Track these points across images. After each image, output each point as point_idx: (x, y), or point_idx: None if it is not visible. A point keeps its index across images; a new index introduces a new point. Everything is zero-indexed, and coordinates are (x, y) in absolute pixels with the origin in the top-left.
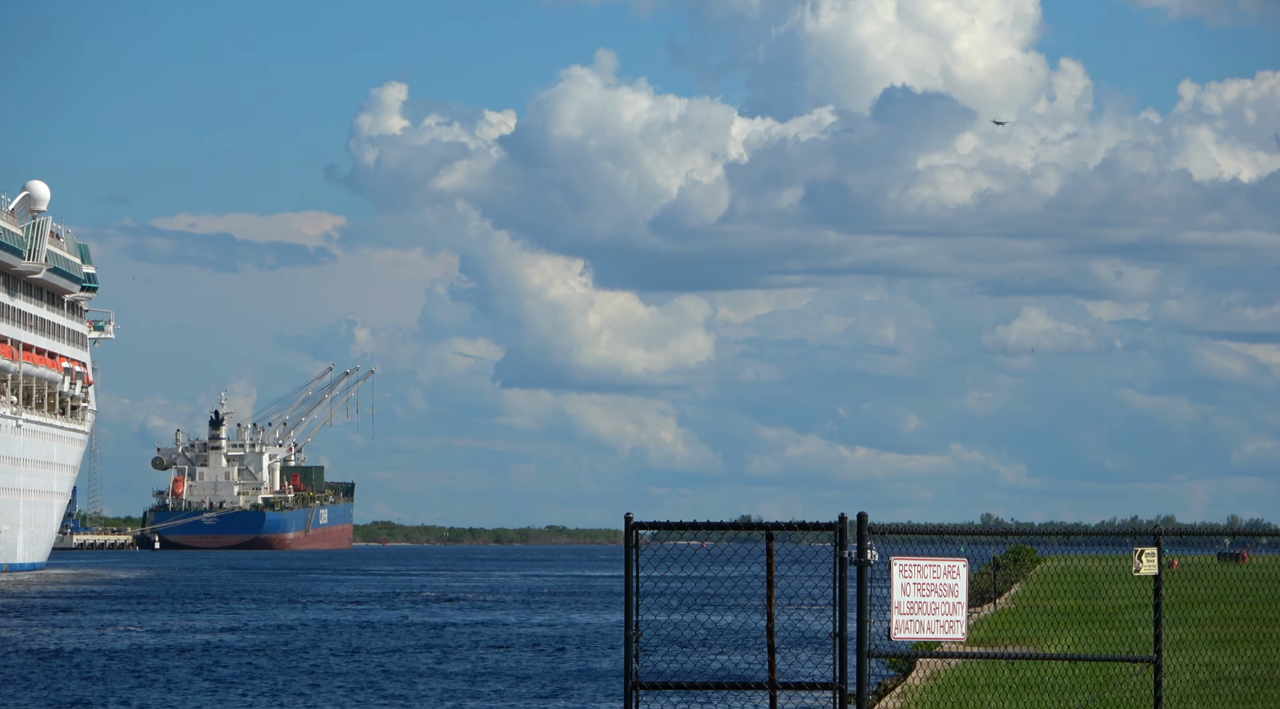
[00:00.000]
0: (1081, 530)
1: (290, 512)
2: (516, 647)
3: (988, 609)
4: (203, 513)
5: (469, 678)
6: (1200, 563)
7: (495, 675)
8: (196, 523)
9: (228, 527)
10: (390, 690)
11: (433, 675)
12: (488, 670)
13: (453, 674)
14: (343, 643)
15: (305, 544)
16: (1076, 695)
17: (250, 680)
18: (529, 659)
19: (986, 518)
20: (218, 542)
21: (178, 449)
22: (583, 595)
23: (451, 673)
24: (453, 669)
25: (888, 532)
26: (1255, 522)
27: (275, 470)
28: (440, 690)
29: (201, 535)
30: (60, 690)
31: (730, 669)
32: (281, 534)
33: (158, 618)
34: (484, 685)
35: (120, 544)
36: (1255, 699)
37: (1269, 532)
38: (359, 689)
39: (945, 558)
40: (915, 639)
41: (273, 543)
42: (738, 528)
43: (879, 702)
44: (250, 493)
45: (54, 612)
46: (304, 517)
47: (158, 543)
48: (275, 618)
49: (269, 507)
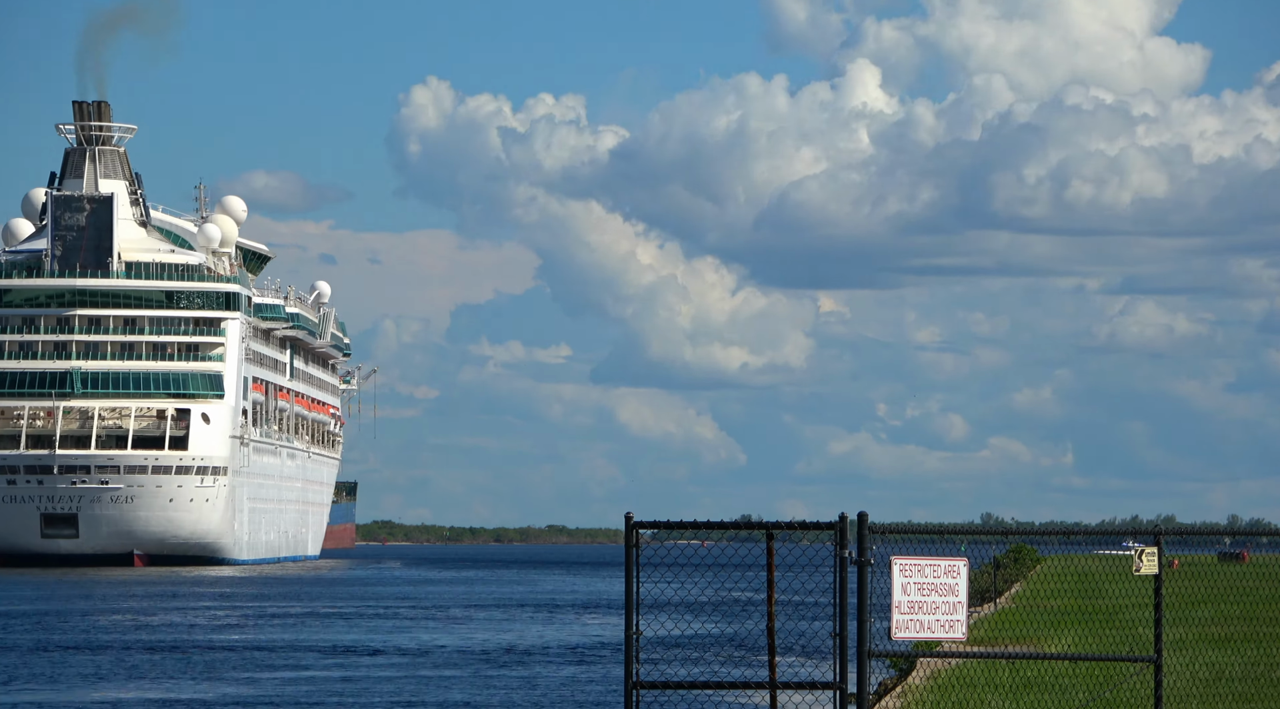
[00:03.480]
0: (1081, 530)
1: None
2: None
3: (988, 609)
4: None
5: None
6: (1200, 563)
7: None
8: None
9: None
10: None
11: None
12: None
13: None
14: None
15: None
16: (1077, 695)
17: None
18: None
19: (987, 518)
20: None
21: None
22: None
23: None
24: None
25: (888, 531)
26: (1256, 521)
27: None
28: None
29: None
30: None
31: (730, 669)
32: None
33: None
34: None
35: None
36: (1255, 699)
37: (1269, 531)
38: None
39: (945, 557)
40: (915, 639)
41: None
42: (738, 527)
43: (879, 701)
44: None
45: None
46: None
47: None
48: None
49: None
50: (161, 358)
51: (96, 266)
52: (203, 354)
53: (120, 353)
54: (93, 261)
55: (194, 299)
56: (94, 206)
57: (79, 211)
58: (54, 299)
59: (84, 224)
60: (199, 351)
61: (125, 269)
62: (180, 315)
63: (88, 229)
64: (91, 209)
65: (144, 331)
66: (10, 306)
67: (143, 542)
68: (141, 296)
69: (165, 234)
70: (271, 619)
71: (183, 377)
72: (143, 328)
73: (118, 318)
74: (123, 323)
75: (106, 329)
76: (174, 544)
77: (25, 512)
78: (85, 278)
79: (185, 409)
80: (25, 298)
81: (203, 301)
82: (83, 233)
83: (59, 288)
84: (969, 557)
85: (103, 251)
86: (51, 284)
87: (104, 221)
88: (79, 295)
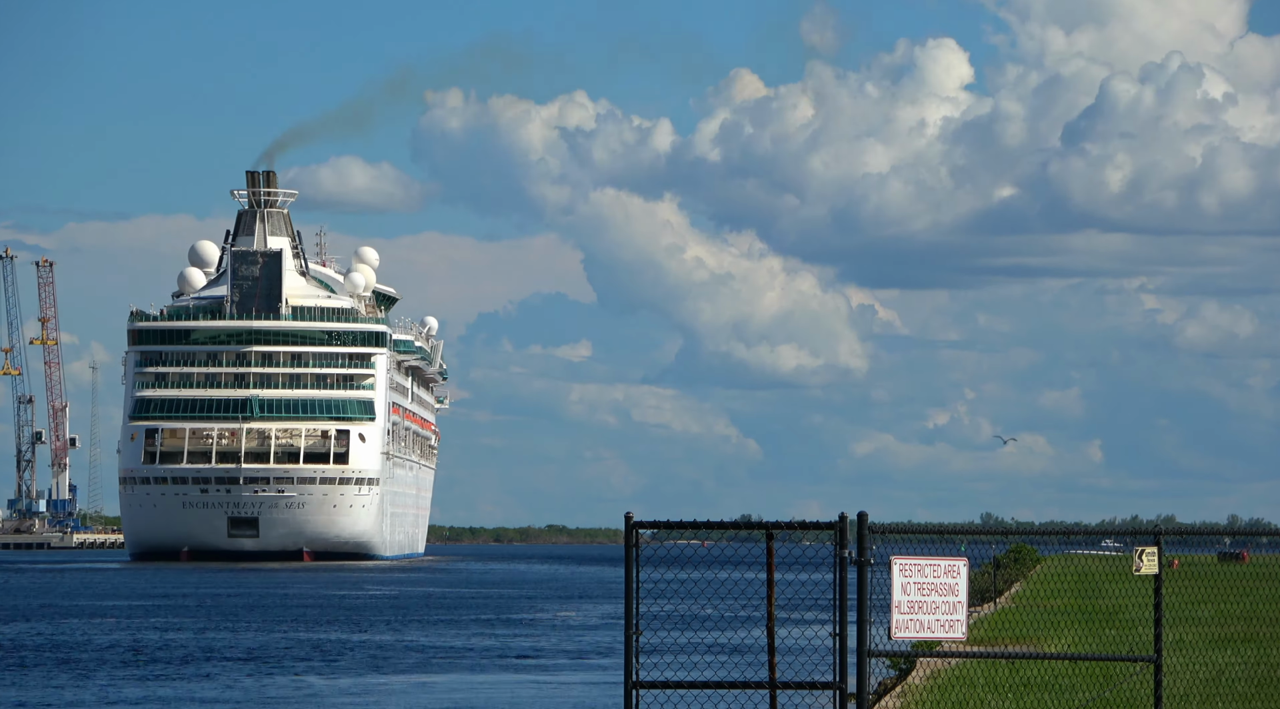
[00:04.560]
0: (1081, 530)
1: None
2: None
3: (988, 608)
4: None
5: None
6: (1200, 563)
7: None
8: None
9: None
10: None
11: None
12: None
13: None
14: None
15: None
16: (1077, 695)
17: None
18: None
19: (987, 517)
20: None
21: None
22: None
23: None
24: None
25: (888, 531)
26: (1256, 521)
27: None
28: None
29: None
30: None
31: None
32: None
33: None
34: None
35: (121, 543)
36: (1255, 699)
37: (1269, 531)
38: None
39: (945, 557)
40: (915, 639)
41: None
42: (738, 527)
43: (879, 701)
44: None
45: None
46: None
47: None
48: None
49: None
50: (323, 387)
51: (268, 310)
52: (357, 383)
53: (289, 383)
54: (265, 306)
55: (349, 337)
56: (265, 260)
57: (253, 264)
58: (234, 337)
59: (257, 274)
60: (354, 381)
61: (292, 312)
62: (338, 351)
63: (260, 279)
64: (264, 262)
65: (309, 365)
66: (197, 344)
67: (311, 541)
68: (306, 335)
69: (319, 282)
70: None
71: (342, 403)
72: (307, 362)
73: (286, 353)
74: (291, 358)
75: (277, 363)
76: (335, 543)
77: (214, 515)
78: (260, 320)
79: (345, 430)
80: (209, 336)
81: (356, 339)
82: (256, 282)
83: (238, 329)
84: (968, 556)
85: (273, 298)
86: (232, 325)
87: (274, 272)
88: (254, 334)
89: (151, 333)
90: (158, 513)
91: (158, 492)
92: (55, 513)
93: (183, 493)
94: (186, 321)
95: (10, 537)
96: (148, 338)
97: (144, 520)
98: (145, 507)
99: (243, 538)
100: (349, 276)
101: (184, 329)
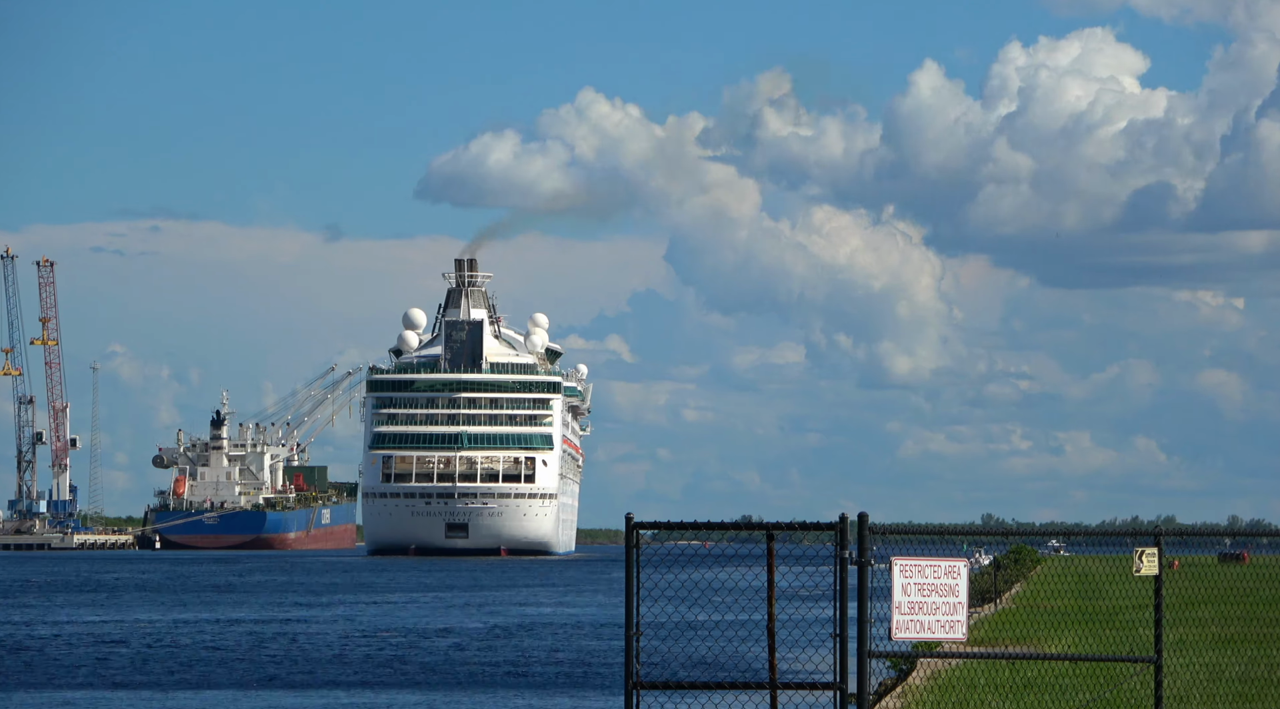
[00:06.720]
0: (1081, 530)
1: (291, 512)
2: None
3: (988, 609)
4: (204, 513)
5: None
6: (1200, 563)
7: None
8: (197, 523)
9: (229, 526)
10: None
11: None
12: None
13: None
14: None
15: (307, 544)
16: (1077, 695)
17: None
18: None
19: (987, 518)
20: (218, 541)
21: (179, 449)
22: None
23: None
24: None
25: (888, 532)
26: (1256, 522)
27: (277, 470)
28: None
29: (202, 535)
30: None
31: (731, 668)
32: (283, 534)
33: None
34: None
35: (121, 544)
36: (1255, 699)
37: (1269, 531)
38: None
39: (946, 558)
40: (916, 639)
41: (274, 543)
42: (738, 528)
43: (879, 702)
44: (251, 493)
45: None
46: (305, 517)
47: (158, 542)
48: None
49: (270, 506)
50: (515, 424)
51: (473, 367)
52: (539, 421)
53: (489, 421)
54: (470, 363)
55: (534, 386)
56: (470, 327)
57: (461, 331)
58: (447, 387)
59: (465, 339)
60: (537, 420)
61: (490, 368)
62: (525, 397)
63: (467, 342)
64: (469, 329)
65: (503, 407)
66: (418, 391)
67: (506, 541)
68: (502, 385)
69: (507, 342)
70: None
71: (529, 437)
72: (503, 405)
73: (487, 398)
74: (490, 402)
75: (480, 406)
76: (524, 543)
77: (434, 522)
78: (467, 373)
79: (531, 457)
80: (428, 385)
81: (539, 388)
82: (464, 345)
83: (450, 380)
84: (969, 557)
85: (476, 356)
86: (445, 378)
87: (477, 337)
88: (464, 384)
89: (385, 383)
90: (392, 519)
91: (392, 503)
92: (56, 513)
93: (410, 505)
94: (411, 374)
95: (11, 537)
96: (382, 386)
97: (381, 525)
98: (382, 515)
99: (456, 539)
100: (529, 339)
101: (409, 380)
